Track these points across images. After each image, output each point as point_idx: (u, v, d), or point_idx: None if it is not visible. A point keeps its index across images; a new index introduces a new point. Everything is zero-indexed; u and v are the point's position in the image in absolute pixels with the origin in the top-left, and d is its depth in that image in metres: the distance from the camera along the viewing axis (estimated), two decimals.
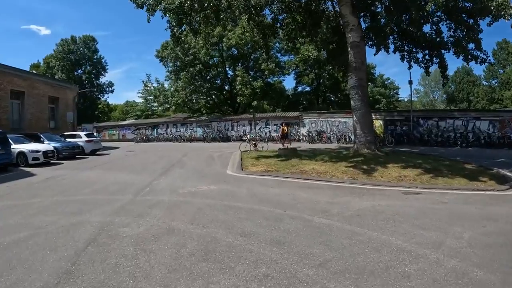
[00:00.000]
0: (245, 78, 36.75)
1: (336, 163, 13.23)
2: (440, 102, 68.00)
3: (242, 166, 13.64)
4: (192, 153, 20.48)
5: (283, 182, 10.19)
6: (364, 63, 17.95)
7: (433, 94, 70.76)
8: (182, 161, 16.43)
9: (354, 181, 10.20)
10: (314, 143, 29.30)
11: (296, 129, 32.78)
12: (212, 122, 37.13)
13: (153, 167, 14.05)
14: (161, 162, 16.13)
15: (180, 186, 9.61)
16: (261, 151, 19.67)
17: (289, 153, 16.78)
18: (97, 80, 59.30)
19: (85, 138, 21.40)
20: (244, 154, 18.00)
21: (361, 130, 16.86)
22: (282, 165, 13.19)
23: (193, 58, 37.63)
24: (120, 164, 16.19)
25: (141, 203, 7.65)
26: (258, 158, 15.76)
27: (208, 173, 12.20)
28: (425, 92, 70.48)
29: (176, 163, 15.60)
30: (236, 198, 7.95)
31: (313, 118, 32.25)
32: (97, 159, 18.75)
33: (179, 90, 39.21)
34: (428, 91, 70.42)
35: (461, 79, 60.20)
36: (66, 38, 56.00)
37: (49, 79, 26.99)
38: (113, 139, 42.24)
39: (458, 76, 60.58)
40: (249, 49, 40.00)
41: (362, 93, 17.25)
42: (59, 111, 27.22)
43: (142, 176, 11.64)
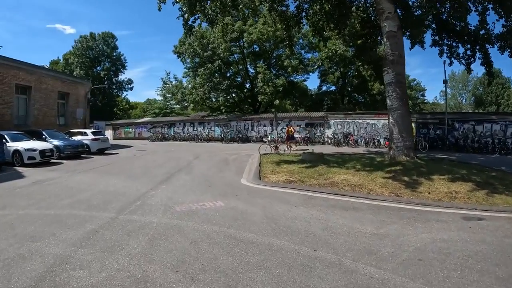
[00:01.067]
0: (266, 75, 34.53)
1: (371, 172, 11.05)
2: (467, 105, 64.45)
3: (260, 173, 11.53)
4: (205, 155, 18.56)
5: (310, 198, 8.00)
6: (402, 56, 15.59)
7: (460, 96, 67.24)
8: (192, 164, 14.47)
9: (398, 199, 8.02)
10: (340, 146, 26.94)
11: (321, 131, 30.37)
12: (231, 121, 35.09)
13: (156, 172, 12.14)
14: (168, 165, 14.22)
15: (179, 200, 7.61)
16: (283, 155, 17.56)
17: (315, 159, 14.60)
18: (116, 77, 58.81)
19: (91, 136, 19.84)
20: (264, 158, 15.94)
21: (398, 134, 14.49)
22: (308, 173, 11.06)
23: (212, 53, 35.74)
24: (122, 166, 14.39)
25: (120, 227, 5.72)
26: (280, 164, 13.65)
27: (218, 182, 10.10)
28: (452, 95, 66.82)
29: (184, 167, 13.64)
30: (248, 224, 5.84)
31: (339, 119, 29.78)
32: (100, 159, 17.08)
33: (197, 87, 37.39)
34: (456, 93, 66.84)
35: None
36: (85, 35, 55.69)
37: (59, 73, 25.65)
38: (129, 137, 41.09)
39: (487, 78, 56.90)
40: (271, 46, 37.94)
41: (400, 90, 14.91)
42: (69, 107, 25.88)
43: (139, 184, 9.73)
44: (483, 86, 58.29)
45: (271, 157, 16.29)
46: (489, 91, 57.37)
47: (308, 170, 11.74)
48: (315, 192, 8.61)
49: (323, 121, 30.20)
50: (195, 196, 7.98)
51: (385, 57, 15.39)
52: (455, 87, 66.17)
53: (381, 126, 28.10)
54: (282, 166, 13.00)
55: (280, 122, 30.70)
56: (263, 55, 38.37)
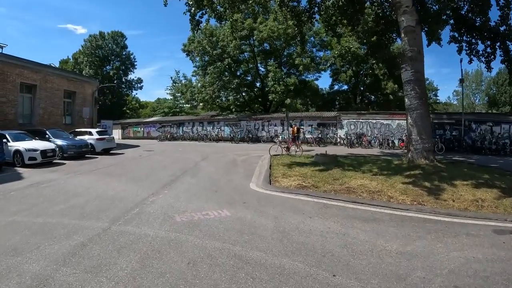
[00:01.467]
0: (277, 74, 33.65)
1: (389, 177, 10.23)
2: (480, 105, 62.72)
3: (271, 177, 10.75)
4: (213, 156, 17.86)
5: (325, 206, 7.19)
6: (421, 53, 14.68)
7: (473, 96, 65.48)
8: (198, 166, 13.77)
9: (422, 208, 7.19)
10: (353, 147, 26.02)
11: (333, 131, 29.42)
12: (241, 121, 34.33)
13: (161, 174, 11.46)
14: (174, 167, 13.55)
15: (181, 208, 6.89)
16: (295, 156, 16.77)
17: (328, 161, 13.80)
18: (125, 76, 58.52)
19: (96, 136, 19.31)
20: (274, 160, 15.19)
21: (417, 135, 13.60)
22: (322, 177, 10.27)
23: (221, 51, 35.00)
24: (125, 167, 13.73)
25: (111, 240, 5.04)
26: (291, 166, 12.88)
27: (225, 186, 9.34)
28: (465, 95, 64.95)
29: (191, 169, 12.94)
30: (256, 240, 5.07)
31: (352, 119, 28.83)
32: (104, 160, 16.51)
33: (206, 86, 36.68)
34: (469, 93, 65.06)
35: (504, 80, 54.88)
36: (94, 34, 55.49)
37: (65, 72, 25.21)
38: (138, 136, 40.67)
39: (501, 77, 55.26)
40: (282, 44, 37.08)
41: (419, 89, 14.01)
42: (75, 106, 25.43)
43: (140, 187, 9.05)
44: (497, 86, 56.50)
45: (282, 159, 15.54)
46: (503, 91, 55.56)
47: (321, 173, 10.95)
48: (330, 199, 7.80)
49: (336, 121, 29.26)
50: (199, 203, 7.25)
51: (402, 53, 14.56)
52: (469, 87, 64.35)
53: (396, 126, 27.14)
54: (294, 168, 12.23)
55: (291, 121, 29.94)
56: (274, 54, 37.50)
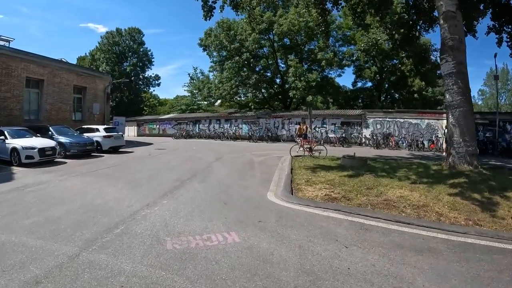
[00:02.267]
0: (298, 69, 31.88)
1: (431, 186, 8.49)
2: (506, 105, 59.59)
3: (293, 184, 9.10)
4: (228, 156, 16.37)
5: (363, 229, 5.51)
6: (463, 42, 12.85)
7: (500, 95, 62.03)
8: (210, 168, 12.23)
9: (481, 231, 5.51)
10: (379, 148, 24.08)
11: (358, 130, 27.45)
12: (260, 118, 32.69)
13: (165, 178, 9.99)
14: (182, 168, 12.08)
15: (177, 227, 5.36)
16: (318, 158, 15.10)
17: (357, 164, 12.09)
18: (143, 73, 58.01)
19: (103, 133, 18.12)
20: (296, 162, 13.57)
21: (460, 137, 11.77)
22: (353, 185, 8.60)
23: (239, 46, 33.46)
24: (128, 169, 12.29)
25: (73, 277, 3.61)
26: (315, 170, 11.23)
27: (237, 196, 7.71)
28: (491, 94, 61.56)
29: (201, 171, 11.42)
30: (273, 285, 3.57)
31: (378, 117, 26.83)
32: (109, 159, 15.26)
33: (223, 82, 35.27)
34: (494, 93, 61.70)
35: None
36: (111, 31, 55.23)
37: (75, 66, 24.11)
38: (153, 133, 39.73)
39: None
40: (303, 39, 35.29)
41: (462, 83, 12.20)
42: (86, 102, 24.42)
43: (135, 195, 7.60)
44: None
45: (305, 161, 13.92)
46: None
47: (352, 180, 9.28)
48: (368, 217, 6.12)
49: (361, 120, 27.32)
50: (201, 221, 5.68)
51: (442, 43, 12.76)
52: (494, 86, 61.05)
53: (425, 126, 25.07)
54: (319, 173, 10.58)
55: (313, 120, 28.27)
56: (294, 49, 35.69)
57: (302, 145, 20.51)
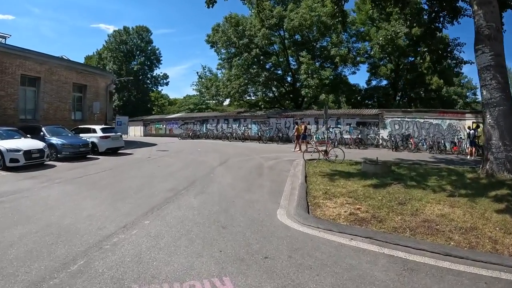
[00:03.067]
0: (311, 66, 30.11)
1: (472, 200, 7.05)
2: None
3: (308, 197, 7.53)
4: (235, 160, 14.92)
5: (407, 269, 3.90)
6: (500, 31, 11.35)
7: None
8: (213, 175, 10.73)
9: None
10: (398, 150, 22.34)
11: (374, 131, 25.74)
12: (270, 118, 31.03)
13: (157, 188, 8.51)
14: (180, 175, 10.61)
15: (151, 267, 3.85)
16: (335, 162, 13.54)
17: (380, 171, 10.56)
18: (151, 72, 57.15)
19: (100, 134, 16.88)
20: (310, 167, 12.08)
21: (499, 140, 10.24)
22: (380, 198, 7.09)
23: (248, 42, 31.93)
24: (119, 175, 10.85)
25: None
26: (333, 178, 9.72)
27: (240, 217, 6.07)
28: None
29: (201, 179, 9.94)
30: None
31: (397, 117, 25.08)
32: (103, 162, 13.97)
33: (232, 80, 33.76)
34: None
35: None
36: (119, 29, 54.47)
37: (74, 63, 22.87)
38: (160, 133, 38.57)
39: None
40: (315, 35, 33.63)
41: (502, 78, 10.74)
42: (86, 100, 23.30)
43: (114, 212, 6.17)
44: None
45: (320, 166, 12.43)
46: None
47: (378, 192, 7.78)
48: (409, 249, 4.54)
49: (377, 120, 25.59)
50: (186, 258, 4.16)
51: (477, 31, 11.23)
52: None
53: (446, 127, 23.32)
54: (338, 182, 9.06)
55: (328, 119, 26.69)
56: (306, 45, 33.89)
57: (299, 146, 19.60)
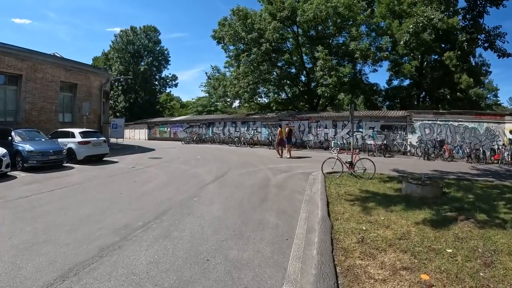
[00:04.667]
0: (328, 62, 26.87)
1: None
2: None
3: (336, 253, 4.49)
4: (235, 173, 12.05)
5: None
6: None
7: None
8: (197, 199, 7.86)
9: None
10: (430, 159, 19.03)
11: (402, 136, 22.46)
12: (282, 121, 27.47)
13: (104, 224, 5.53)
14: (151, 200, 7.68)
15: None
16: (362, 177, 10.53)
17: (429, 193, 7.62)
18: (159, 73, 55.01)
19: (78, 139, 14.31)
20: (332, 185, 9.18)
21: None
22: (451, 253, 4.21)
23: (258, 36, 28.97)
24: (76, 196, 7.95)
25: None
26: (367, 205, 6.75)
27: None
28: None
29: (175, 208, 7.02)
30: None
31: (427, 120, 21.73)
32: (74, 174, 11.37)
33: (240, 78, 30.80)
34: None
35: None
36: (125, 29, 52.52)
37: (63, 60, 20.36)
38: (164, 137, 36.11)
39: None
40: (331, 28, 30.55)
41: None
42: (77, 101, 20.83)
43: (26, 268, 3.47)
44: None
45: (345, 182, 9.53)
46: None
47: (440, 235, 4.93)
48: None
49: (405, 123, 22.30)
50: None
51: None
52: None
53: (484, 131, 20.00)
54: (376, 214, 6.13)
55: (347, 123, 23.68)
56: (321, 41, 30.45)
57: (281, 151, 17.88)
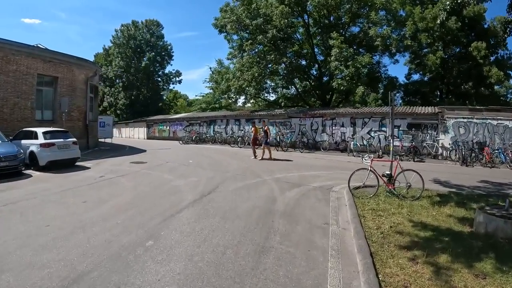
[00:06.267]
0: (344, 51, 23.51)
1: None
2: None
3: None
4: (229, 187, 9.08)
5: None
6: None
7: None
8: (166, 234, 4.99)
9: None
10: (466, 164, 15.72)
11: (432, 136, 19.05)
12: (292, 118, 24.48)
13: None
14: (101, 235, 4.84)
15: None
16: (405, 197, 7.44)
17: None
18: (162, 69, 52.49)
19: (41, 140, 11.69)
20: (367, 212, 6.18)
21: None
22: None
23: (263, 21, 25.76)
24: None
25: None
26: (436, 259, 3.78)
27: None
28: None
29: (130, 251, 4.21)
30: None
31: (462, 118, 18.38)
32: (21, 187, 8.73)
33: (244, 70, 27.65)
34: None
35: None
36: (127, 23, 50.05)
37: (41, 51, 17.47)
38: (163, 136, 33.51)
39: None
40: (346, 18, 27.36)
41: None
42: (58, 96, 18.10)
43: None
44: None
45: (385, 208, 6.47)
46: None
47: None
48: None
49: (437, 121, 18.93)
50: None
51: None
52: None
53: None
54: (458, 278, 3.25)
55: (368, 120, 20.58)
56: (335, 29, 27.08)
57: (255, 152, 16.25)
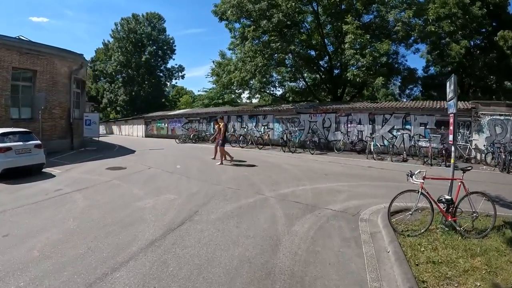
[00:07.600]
0: (359, 37, 20.64)
1: None
2: None
3: None
4: (217, 210, 6.71)
5: None
6: None
7: None
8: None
9: None
10: (508, 171, 13.06)
11: (465, 136, 16.25)
12: (301, 114, 21.65)
13: None
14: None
15: None
16: (469, 236, 4.92)
17: None
18: (164, 64, 50.73)
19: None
20: (424, 266, 3.73)
21: None
22: None
23: (268, 6, 22.82)
24: None
25: None
26: None
27: None
28: None
29: None
30: None
31: (498, 114, 15.62)
32: None
33: (246, 61, 25.01)
34: None
35: None
36: (127, 17, 48.23)
37: (16, 41, 15.07)
38: (161, 134, 31.37)
39: None
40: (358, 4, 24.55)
41: None
42: (37, 92, 15.92)
43: None
44: None
45: (449, 261, 3.93)
46: None
47: None
48: None
49: (470, 118, 16.13)
50: None
51: None
52: None
53: None
54: None
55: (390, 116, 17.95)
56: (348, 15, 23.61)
57: (217, 152, 14.25)
